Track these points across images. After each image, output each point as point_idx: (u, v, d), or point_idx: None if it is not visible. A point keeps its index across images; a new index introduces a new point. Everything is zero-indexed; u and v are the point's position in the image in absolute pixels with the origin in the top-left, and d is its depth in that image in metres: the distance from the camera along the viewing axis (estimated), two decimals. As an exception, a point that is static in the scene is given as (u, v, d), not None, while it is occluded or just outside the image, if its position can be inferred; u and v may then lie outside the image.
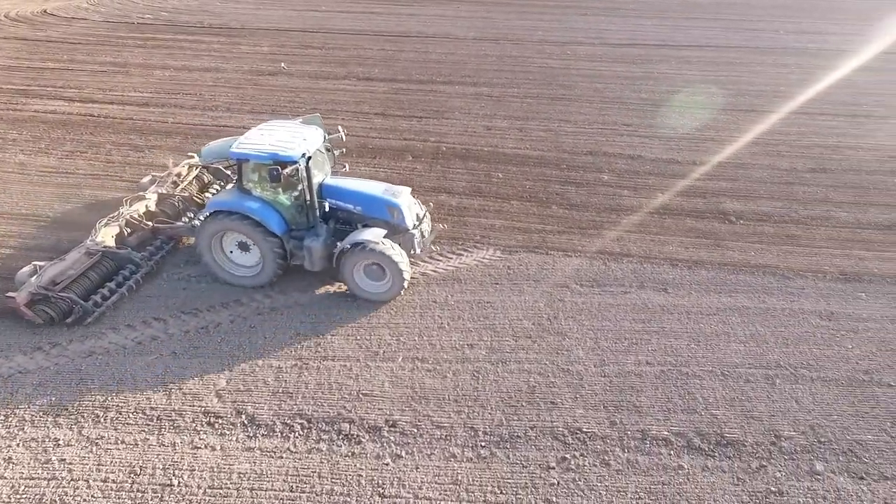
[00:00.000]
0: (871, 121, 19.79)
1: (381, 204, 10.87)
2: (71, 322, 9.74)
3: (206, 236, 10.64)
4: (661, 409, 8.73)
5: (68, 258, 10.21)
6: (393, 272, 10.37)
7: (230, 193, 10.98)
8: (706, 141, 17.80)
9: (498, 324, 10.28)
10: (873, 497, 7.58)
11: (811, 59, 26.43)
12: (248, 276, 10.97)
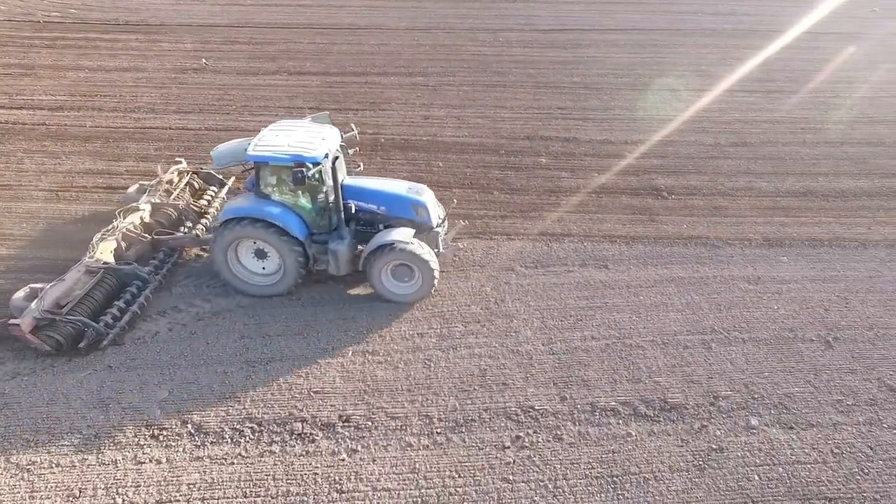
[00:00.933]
0: (784, 95, 21.02)
1: (406, 203, 10.57)
2: (84, 346, 9.07)
3: (223, 246, 10.04)
4: (608, 380, 9.04)
5: (68, 278, 9.44)
6: (424, 272, 10.14)
7: (247, 199, 10.37)
8: (637, 120, 18.42)
9: (446, 311, 10.33)
10: (802, 444, 8.14)
11: (727, 39, 27.77)
12: (267, 284, 10.49)
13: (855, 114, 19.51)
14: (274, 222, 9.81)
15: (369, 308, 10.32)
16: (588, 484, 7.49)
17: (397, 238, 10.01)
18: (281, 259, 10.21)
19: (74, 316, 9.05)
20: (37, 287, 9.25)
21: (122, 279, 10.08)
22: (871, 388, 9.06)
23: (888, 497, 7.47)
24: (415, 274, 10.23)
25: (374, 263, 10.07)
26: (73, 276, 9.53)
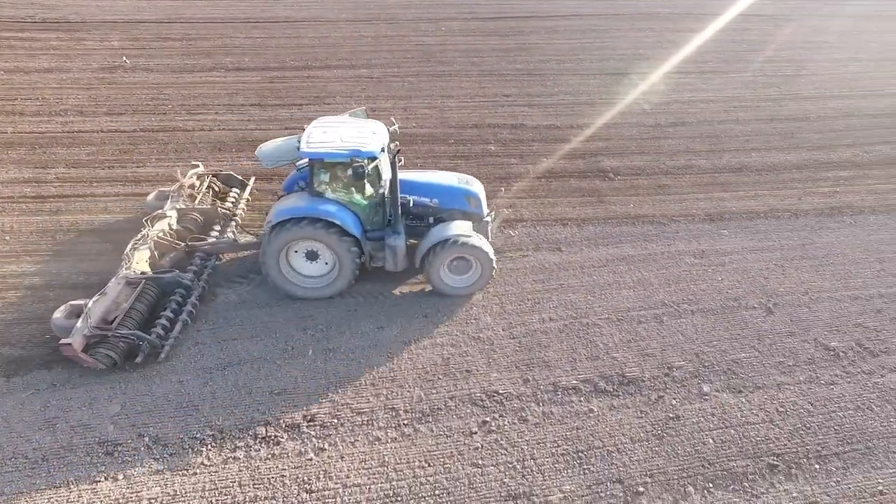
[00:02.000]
0: (717, 75, 21.92)
1: (459, 194, 10.51)
2: (140, 362, 8.69)
3: (275, 249, 9.67)
4: (568, 360, 9.26)
5: (109, 292, 9.01)
6: (484, 264, 10.08)
7: (300, 199, 9.97)
8: (580, 105, 18.81)
9: (407, 305, 10.30)
10: (750, 406, 8.59)
11: (663, 22, 28.66)
12: (320, 286, 10.18)
13: (782, 91, 20.56)
14: (331, 221, 9.53)
15: (327, 305, 10.17)
16: (555, 461, 7.67)
17: (458, 232, 9.95)
18: (336, 258, 9.92)
19: (126, 330, 8.66)
20: (78, 304, 8.81)
21: (164, 288, 9.69)
22: (809, 348, 9.65)
23: (828, 448, 7.99)
24: (472, 266, 10.19)
25: (434, 259, 9.92)
26: (114, 289, 9.13)
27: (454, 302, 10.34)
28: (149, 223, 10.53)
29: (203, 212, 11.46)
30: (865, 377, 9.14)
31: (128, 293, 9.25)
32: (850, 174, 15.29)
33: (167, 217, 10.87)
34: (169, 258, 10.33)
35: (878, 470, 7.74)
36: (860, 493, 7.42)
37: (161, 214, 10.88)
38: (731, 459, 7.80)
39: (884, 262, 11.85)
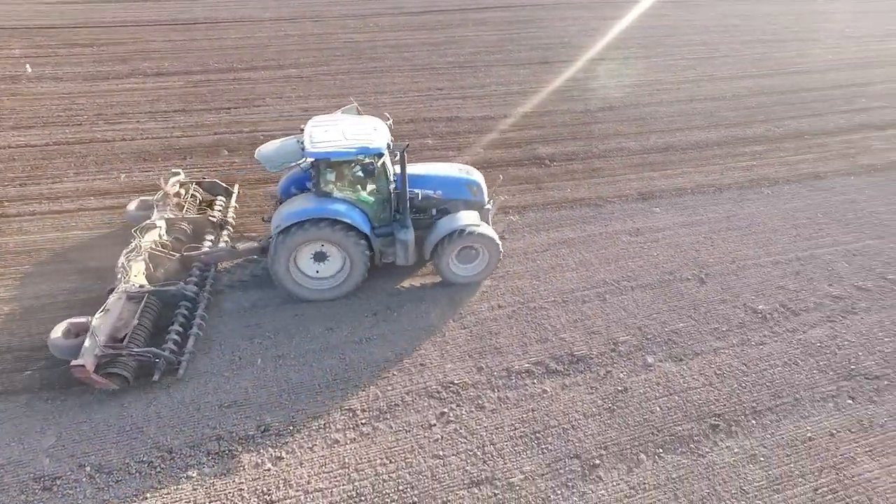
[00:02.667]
0: (639, 60, 22.84)
1: (461, 184, 10.60)
2: (157, 379, 8.33)
3: (285, 252, 9.49)
4: (519, 344, 9.45)
5: (112, 308, 8.51)
6: (491, 251, 10.30)
7: (306, 200, 9.68)
8: (513, 94, 19.14)
9: (355, 304, 10.20)
10: (691, 372, 9.07)
11: (584, 11, 29.55)
12: (330, 287, 10.07)
13: (699, 73, 21.66)
14: (342, 220, 9.41)
15: (273, 312, 9.93)
16: (514, 444, 7.83)
17: (466, 222, 10.09)
18: (348, 258, 9.84)
19: (140, 348, 8.28)
20: (78, 322, 8.36)
21: (167, 301, 9.27)
22: (739, 313, 10.27)
23: (762, 403, 8.55)
24: (479, 254, 10.37)
25: (443, 250, 10.04)
26: (117, 304, 8.65)
27: (403, 298, 10.33)
28: (139, 234, 10.05)
29: (192, 221, 11.01)
30: (790, 335, 9.83)
31: (131, 308, 8.82)
32: (765, 148, 16.33)
33: (157, 227, 10.37)
34: (163, 270, 9.87)
35: (806, 419, 8.36)
36: (792, 442, 8.00)
37: (150, 225, 10.39)
38: (677, 424, 8.21)
39: (798, 228, 12.75)
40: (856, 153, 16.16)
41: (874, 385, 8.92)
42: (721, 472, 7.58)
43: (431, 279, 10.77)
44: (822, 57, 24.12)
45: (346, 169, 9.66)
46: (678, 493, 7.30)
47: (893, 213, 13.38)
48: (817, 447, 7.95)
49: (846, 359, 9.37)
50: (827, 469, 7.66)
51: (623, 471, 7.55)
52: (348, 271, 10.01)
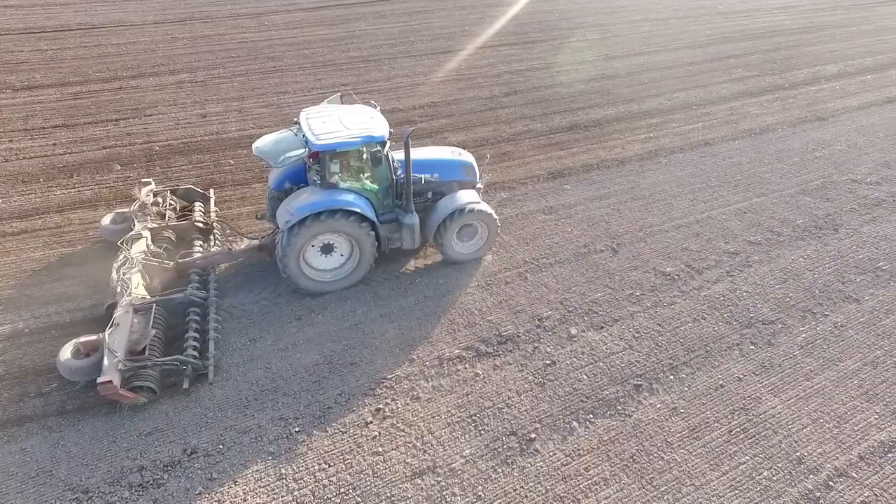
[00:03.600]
0: (537, 44, 23.53)
1: (456, 166, 10.93)
2: (187, 386, 8.18)
3: (297, 246, 9.48)
4: (448, 332, 9.53)
5: (121, 322, 8.35)
6: (490, 227, 10.76)
7: (313, 193, 9.63)
8: (419, 85, 19.14)
9: (277, 311, 9.86)
10: (612, 338, 9.53)
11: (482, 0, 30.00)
12: (339, 278, 10.17)
13: (594, 54, 22.64)
14: (353, 210, 9.48)
15: (189, 329, 9.40)
16: (452, 430, 7.90)
17: (467, 200, 10.43)
18: (357, 247, 9.97)
19: (164, 357, 8.13)
20: (87, 340, 8.16)
21: (173, 310, 9.11)
22: (650, 277, 10.90)
23: (678, 359, 9.14)
24: (478, 231, 10.78)
25: (446, 229, 10.34)
26: (125, 318, 8.47)
27: (326, 299, 10.10)
28: (127, 245, 9.76)
29: (177, 228, 10.74)
30: (696, 292, 10.56)
31: (140, 320, 8.62)
32: (659, 120, 17.36)
33: (143, 237, 10.12)
34: (159, 279, 9.62)
35: (717, 368, 9.03)
36: (706, 391, 8.62)
37: (136, 235, 10.11)
38: (604, 389, 8.62)
39: (695, 193, 13.69)
40: (737, 119, 17.55)
41: (770, 329, 9.78)
42: (647, 428, 8.04)
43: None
44: (701, 33, 25.92)
45: (350, 159, 9.71)
46: (610, 454, 7.67)
47: (773, 172, 14.66)
48: (728, 392, 8.61)
49: (745, 308, 10.20)
50: (738, 411, 8.32)
51: (558, 440, 7.83)
52: (357, 261, 10.14)
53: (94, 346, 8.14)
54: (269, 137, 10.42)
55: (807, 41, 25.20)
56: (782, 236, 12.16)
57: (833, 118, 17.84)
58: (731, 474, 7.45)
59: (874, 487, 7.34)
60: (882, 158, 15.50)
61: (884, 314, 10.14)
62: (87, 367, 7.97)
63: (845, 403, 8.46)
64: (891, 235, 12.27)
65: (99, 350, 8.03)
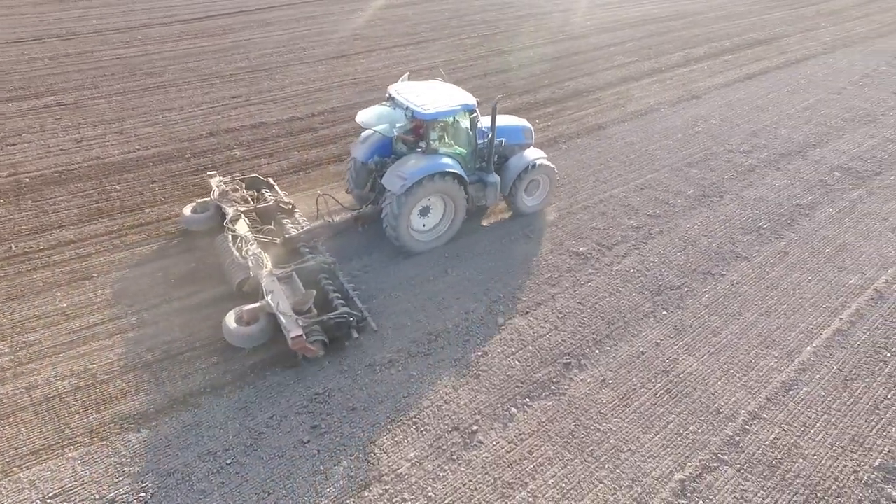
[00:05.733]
0: (431, 43, 23.72)
1: (519, 131, 12.19)
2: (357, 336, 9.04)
3: (409, 208, 10.43)
4: (376, 337, 9.32)
5: (273, 290, 8.96)
6: (552, 179, 12.36)
7: (420, 159, 10.53)
8: (316, 92, 18.65)
9: (174, 336, 9.19)
10: (538, 321, 9.77)
11: (370, 2, 29.80)
12: (432, 239, 11.25)
13: (486, 49, 23.19)
14: (454, 171, 10.55)
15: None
16: (394, 436, 7.74)
17: (535, 156, 11.92)
18: (453, 207, 11.09)
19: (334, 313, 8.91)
20: (249, 308, 8.79)
21: (307, 275, 9.78)
22: (566, 258, 11.31)
23: (600, 333, 9.55)
24: (540, 185, 12.27)
25: (518, 185, 11.78)
26: (275, 286, 9.08)
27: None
28: (231, 226, 10.46)
29: (263, 210, 11.33)
30: (608, 268, 11.09)
31: (286, 287, 9.27)
32: (554, 109, 18.08)
33: (240, 218, 10.79)
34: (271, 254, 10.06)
35: (636, 336, 9.53)
36: (630, 360, 9.06)
37: (235, 216, 10.75)
38: (536, 371, 8.82)
39: (596, 174, 14.39)
40: (624, 102, 18.67)
41: (678, 294, 10.47)
42: (581, 403, 8.32)
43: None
44: (582, 24, 27.35)
45: (448, 127, 10.84)
46: (550, 434, 7.86)
47: (661, 148, 15.74)
48: (649, 358, 9.11)
49: (654, 278, 10.85)
50: (660, 374, 8.83)
51: (500, 429, 7.91)
52: (451, 219, 11.25)
53: (255, 314, 8.75)
54: (370, 111, 11.59)
55: (675, 28, 27.32)
56: (677, 207, 13.08)
57: (706, 95, 19.46)
58: (662, 433, 7.88)
59: (782, 424, 8.06)
60: (750, 129, 17.12)
61: (770, 268, 11.19)
62: (255, 334, 8.62)
63: (749, 353, 9.23)
64: (766, 197, 13.57)
65: (260, 318, 8.71)
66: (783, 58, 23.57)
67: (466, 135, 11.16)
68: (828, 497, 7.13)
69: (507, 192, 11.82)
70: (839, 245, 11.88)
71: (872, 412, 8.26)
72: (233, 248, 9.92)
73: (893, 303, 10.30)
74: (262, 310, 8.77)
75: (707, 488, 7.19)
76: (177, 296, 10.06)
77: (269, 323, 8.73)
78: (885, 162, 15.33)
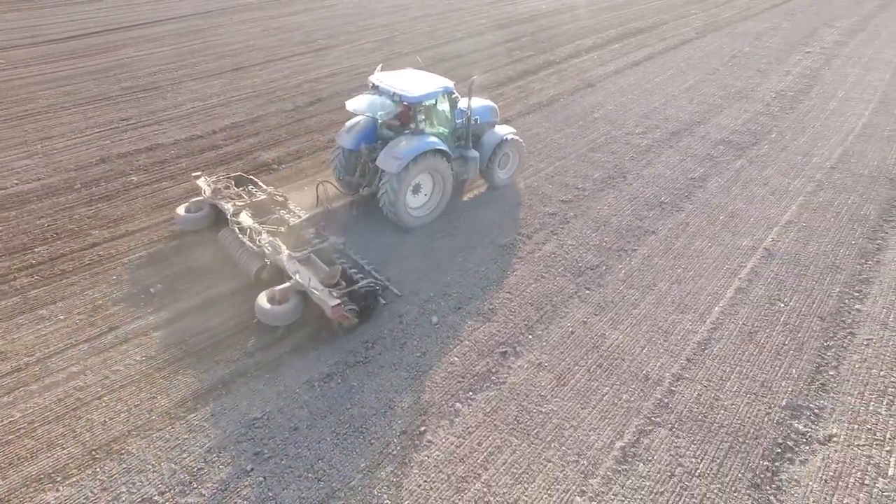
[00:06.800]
0: (329, 50, 23.38)
1: (488, 110, 13.26)
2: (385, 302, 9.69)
3: (405, 186, 11.24)
4: (313, 353, 9.10)
5: (299, 270, 9.54)
6: (521, 152, 13.61)
7: (409, 140, 11.35)
8: (215, 108, 17.82)
9: (87, 381, 8.51)
10: (470, 315, 9.94)
11: (261, 11, 28.85)
12: (426, 213, 12.09)
13: (386, 53, 23.17)
14: (442, 149, 11.54)
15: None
16: (342, 449, 7.59)
17: (507, 132, 13.14)
18: (441, 183, 12.00)
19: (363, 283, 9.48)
20: (279, 289, 9.22)
21: (322, 256, 10.23)
22: (489, 251, 11.56)
23: (531, 319, 9.87)
24: (510, 159, 13.42)
25: (493, 160, 12.91)
26: (298, 267, 9.65)
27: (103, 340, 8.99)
28: (234, 219, 10.86)
29: (258, 204, 11.57)
30: (531, 255, 11.47)
31: (308, 266, 9.80)
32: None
33: (241, 211, 11.12)
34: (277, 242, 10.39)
35: (564, 318, 9.94)
36: (562, 341, 9.45)
37: (237, 210, 11.09)
38: (475, 364, 8.97)
39: (508, 167, 14.79)
40: (526, 95, 19.36)
41: (598, 273, 11.03)
42: (522, 389, 8.57)
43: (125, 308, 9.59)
44: (476, 22, 28.02)
45: (431, 109, 11.75)
46: (496, 423, 8.03)
47: (565, 136, 16.49)
48: (578, 336, 9.54)
49: (574, 260, 11.36)
50: (590, 350, 9.27)
51: (447, 426, 7.98)
52: (439, 196, 12.13)
53: (286, 294, 9.18)
54: (358, 100, 12.21)
55: (563, 21, 28.67)
56: (586, 191, 13.76)
57: (599, 84, 20.60)
58: (599, 406, 8.29)
59: (703, 381, 8.73)
60: (642, 111, 18.33)
61: (675, 239, 12.06)
62: (288, 312, 9.10)
63: (666, 319, 9.91)
64: (663, 174, 14.60)
65: (290, 297, 9.17)
66: (663, 44, 25.41)
67: (446, 115, 12.22)
68: (748, 440, 7.82)
69: (484, 165, 12.87)
70: (731, 211, 13.02)
71: (775, 358, 9.15)
72: (244, 239, 10.32)
73: (780, 259, 11.45)
74: (292, 289, 9.27)
75: (645, 451, 7.66)
76: (83, 337, 9.29)
77: (300, 301, 9.26)
78: (758, 133, 16.98)
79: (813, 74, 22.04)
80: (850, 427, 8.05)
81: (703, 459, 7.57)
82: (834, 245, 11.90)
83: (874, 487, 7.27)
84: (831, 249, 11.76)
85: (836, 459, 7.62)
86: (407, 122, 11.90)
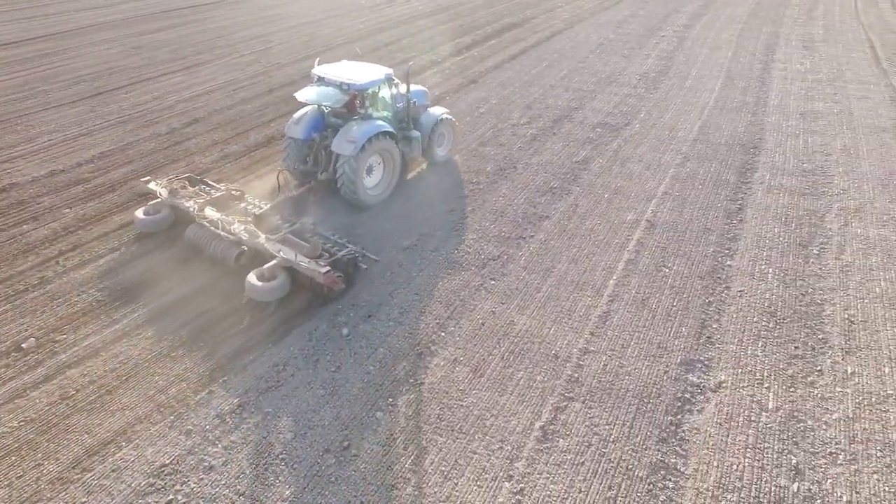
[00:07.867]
0: (203, 66, 22.18)
1: (422, 93, 14.36)
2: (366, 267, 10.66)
3: (362, 167, 12.17)
4: (219, 384, 8.63)
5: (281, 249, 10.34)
6: (455, 132, 15.04)
7: (360, 125, 12.23)
8: (76, 138, 16.32)
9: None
10: (382, 321, 9.87)
11: (118, 31, 26.79)
12: (379, 192, 12.98)
13: (265, 65, 22.41)
14: (390, 131, 12.56)
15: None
16: (264, 480, 7.26)
17: (441, 112, 14.40)
18: (392, 163, 12.94)
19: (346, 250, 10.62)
20: (267, 268, 9.85)
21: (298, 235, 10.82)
22: (394, 254, 11.54)
23: (442, 316, 9.99)
24: (446, 137, 14.66)
25: (432, 138, 14.03)
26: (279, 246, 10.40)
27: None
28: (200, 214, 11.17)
29: (217, 200, 11.88)
30: (435, 254, 11.59)
31: (289, 245, 10.44)
32: (349, 114, 18.19)
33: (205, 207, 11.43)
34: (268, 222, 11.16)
35: (473, 311, 10.16)
36: (475, 332, 9.64)
37: (202, 205, 11.40)
38: (392, 370, 8.94)
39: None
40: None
41: (500, 262, 11.39)
42: (440, 387, 8.65)
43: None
44: (355, 27, 27.83)
45: (374, 95, 12.70)
46: (420, 425, 8.06)
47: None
48: (489, 327, 9.80)
49: (476, 253, 11.63)
50: (501, 339, 9.55)
51: (371, 436, 7.89)
52: (391, 174, 13.07)
53: (273, 271, 9.77)
54: (307, 91, 12.68)
55: (442, 20, 29.22)
56: (481, 184, 14.15)
57: (481, 79, 21.23)
58: (516, 391, 8.58)
59: (607, 351, 9.30)
60: (524, 102, 19.14)
61: (567, 221, 12.72)
62: (277, 287, 9.68)
63: (568, 298, 10.43)
64: (549, 161, 15.34)
65: (278, 273, 9.79)
66: (536, 37, 26.65)
67: (387, 100, 13.21)
68: (652, 399, 8.43)
69: (425, 143, 13.89)
70: (614, 189, 13.95)
71: (667, 320, 9.93)
72: (217, 230, 10.74)
73: (660, 228, 12.44)
74: (278, 266, 9.90)
75: (563, 426, 8.02)
76: (-52, 412, 8.18)
77: (287, 276, 9.86)
78: (629, 114, 18.31)
79: (669, 56, 24.11)
80: (734, 372, 8.93)
81: (615, 425, 8.06)
82: (704, 209, 13.11)
83: (759, 422, 8.12)
84: (702, 214, 12.95)
85: (727, 403, 8.42)
86: (353, 109, 12.67)
